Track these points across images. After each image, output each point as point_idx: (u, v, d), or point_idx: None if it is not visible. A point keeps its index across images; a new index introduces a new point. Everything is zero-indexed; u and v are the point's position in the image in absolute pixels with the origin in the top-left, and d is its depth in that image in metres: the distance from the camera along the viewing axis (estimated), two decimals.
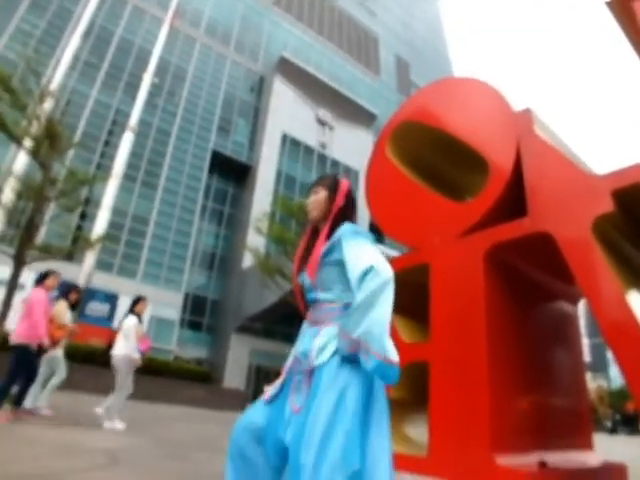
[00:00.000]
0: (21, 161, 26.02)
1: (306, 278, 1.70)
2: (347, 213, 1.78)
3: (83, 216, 32.37)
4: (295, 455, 1.37)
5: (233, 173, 42.74)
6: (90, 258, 29.38)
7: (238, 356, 35.49)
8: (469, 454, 3.05)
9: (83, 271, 29.30)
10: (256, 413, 1.61)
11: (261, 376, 36.61)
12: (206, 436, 6.39)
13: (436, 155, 4.37)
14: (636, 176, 2.75)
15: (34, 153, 9.96)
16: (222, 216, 42.50)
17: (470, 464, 3.00)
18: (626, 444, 15.39)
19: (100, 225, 29.97)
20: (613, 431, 26.73)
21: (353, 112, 47.06)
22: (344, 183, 1.85)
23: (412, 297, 3.87)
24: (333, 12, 56.15)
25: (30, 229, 9.56)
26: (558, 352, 4.30)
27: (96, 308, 18.27)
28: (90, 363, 13.41)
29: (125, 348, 5.93)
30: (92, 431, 5.11)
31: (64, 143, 10.57)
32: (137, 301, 6.43)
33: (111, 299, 19.22)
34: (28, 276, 24.19)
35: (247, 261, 32.76)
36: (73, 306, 6.56)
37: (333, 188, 1.81)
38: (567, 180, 3.08)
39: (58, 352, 6.22)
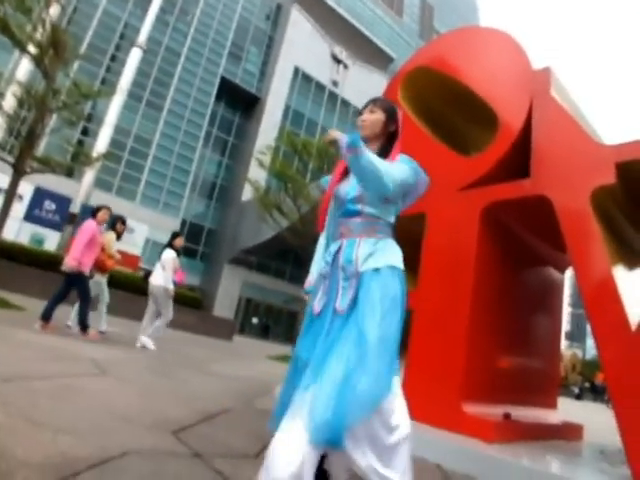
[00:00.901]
0: (24, 68, 25.25)
1: (351, 190, 1.74)
2: (396, 142, 1.85)
3: (85, 132, 31.84)
4: (361, 329, 1.47)
5: (241, 103, 41.71)
6: (89, 176, 29.20)
7: (230, 287, 36.17)
8: (440, 400, 3.19)
9: (82, 189, 29.21)
10: (304, 345, 1.65)
11: (250, 308, 37.52)
12: (191, 357, 6.62)
13: (447, 105, 4.26)
14: None
15: (38, 61, 9.59)
16: (226, 145, 41.89)
17: (439, 409, 3.15)
18: (587, 408, 16.19)
19: (102, 142, 29.56)
20: (579, 397, 27.90)
21: (370, 52, 45.38)
22: (401, 113, 1.91)
23: (406, 246, 3.91)
24: None
25: (31, 139, 9.38)
26: (539, 316, 4.40)
27: None
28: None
29: (162, 278, 6.40)
30: (79, 342, 5.29)
31: (69, 53, 10.15)
32: (175, 236, 6.87)
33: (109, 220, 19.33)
34: (25, 188, 24.20)
35: (247, 194, 32.64)
36: (119, 236, 6.93)
37: (392, 114, 1.86)
38: (573, 147, 3.03)
39: (103, 279, 6.62)
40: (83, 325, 5.82)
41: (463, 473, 2.52)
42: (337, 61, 43.55)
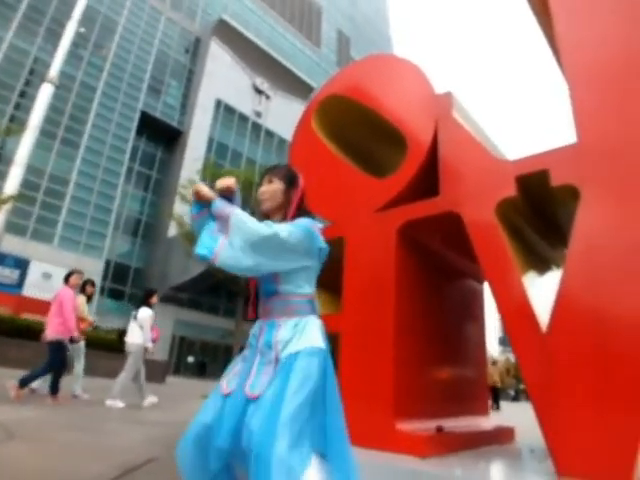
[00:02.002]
0: None
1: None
2: (302, 207, 1.80)
3: None
4: (267, 442, 1.35)
5: (163, 137, 40.95)
6: None
7: (161, 326, 34.55)
8: (373, 420, 3.19)
9: None
10: (207, 413, 1.60)
11: (184, 347, 36.11)
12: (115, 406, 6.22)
13: (360, 130, 4.41)
14: (538, 164, 2.93)
15: None
16: (149, 181, 40.77)
17: (374, 430, 3.14)
18: (522, 408, 17.12)
19: (11, 184, 27.65)
20: (515, 399, 29.20)
21: (291, 83, 46.41)
22: (301, 179, 1.85)
23: (329, 270, 3.94)
24: None
25: None
26: (463, 327, 4.56)
27: (4, 274, 16.96)
28: None
29: (140, 338, 6.59)
30: None
31: None
32: (151, 294, 6.99)
33: (21, 264, 17.94)
34: None
35: (173, 229, 31.80)
36: (89, 298, 7.07)
37: (290, 181, 1.81)
38: (476, 163, 3.22)
39: (81, 343, 6.79)
40: (55, 389, 5.83)
41: None
42: (259, 92, 44.12)
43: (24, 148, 28.31)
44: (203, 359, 36.81)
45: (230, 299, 36.22)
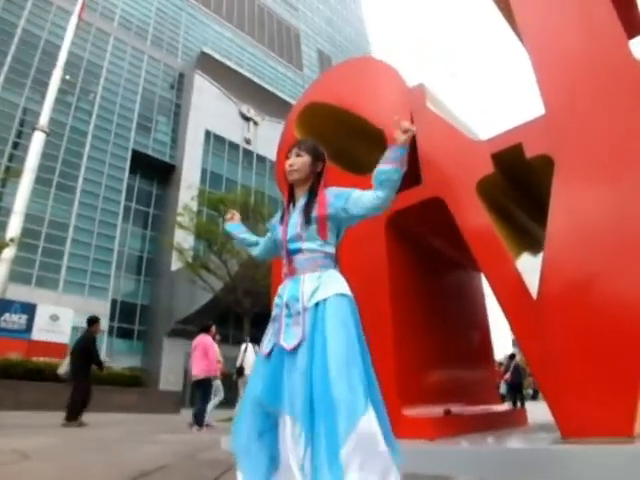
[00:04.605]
0: None
1: (290, 229, 1.85)
2: (321, 180, 1.97)
3: None
4: (323, 386, 1.47)
5: (156, 173, 41.30)
6: (2, 269, 27.31)
7: (173, 361, 34.38)
8: None
9: None
10: (255, 378, 1.73)
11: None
12: (132, 432, 6.21)
13: (341, 133, 4.50)
14: (511, 139, 3.01)
15: None
16: (147, 218, 40.98)
17: None
18: (541, 404, 16.68)
19: (12, 232, 27.87)
20: (534, 397, 28.84)
21: (277, 107, 46.93)
22: (324, 152, 2.04)
23: None
24: (253, 6, 55.58)
25: None
26: (464, 316, 4.59)
27: (12, 320, 17.04)
28: (8, 377, 12.53)
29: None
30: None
31: None
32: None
33: (28, 309, 18.00)
34: None
35: (176, 264, 31.88)
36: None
37: (317, 154, 1.97)
38: (452, 148, 3.31)
39: (218, 380, 7.85)
40: (201, 419, 6.95)
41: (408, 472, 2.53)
42: (246, 119, 44.62)
43: (22, 196, 28.60)
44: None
45: (238, 328, 36.06)
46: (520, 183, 3.39)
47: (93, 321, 7.78)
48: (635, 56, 2.65)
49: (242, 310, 16.82)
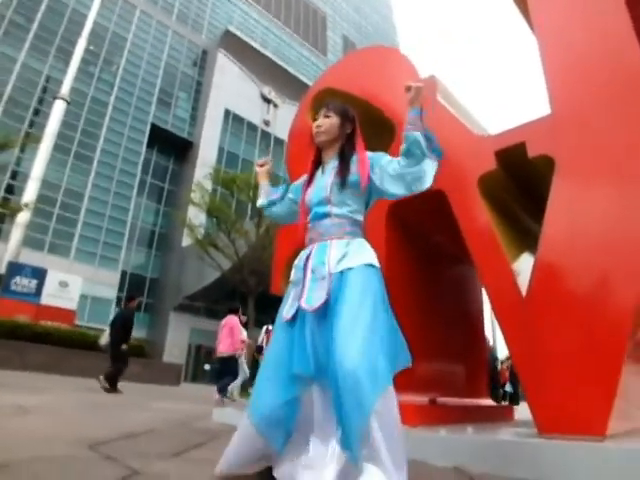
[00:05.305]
0: None
1: (318, 192, 1.78)
2: (357, 142, 1.89)
3: (9, 190, 30.52)
4: (350, 356, 1.41)
5: (174, 148, 41.54)
6: (17, 234, 27.78)
7: (178, 336, 34.97)
8: None
9: (9, 248, 27.67)
10: (277, 344, 1.66)
11: (201, 355, 36.31)
12: (128, 398, 6.39)
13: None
14: (515, 137, 3.03)
15: None
16: (162, 192, 41.33)
17: None
18: None
19: (28, 197, 28.33)
20: None
21: (298, 90, 46.63)
22: (354, 113, 1.94)
23: None
24: None
25: None
26: (459, 311, 4.63)
27: (22, 283, 17.41)
28: (15, 339, 12.87)
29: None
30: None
31: None
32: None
33: (39, 274, 18.36)
34: None
35: (187, 239, 32.20)
36: (245, 325, 8.72)
37: (346, 116, 1.88)
38: (457, 141, 3.32)
39: (242, 357, 8.50)
40: (225, 391, 7.40)
41: None
42: (267, 101, 44.59)
43: (39, 163, 28.98)
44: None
45: (244, 307, 36.43)
46: (523, 182, 3.40)
47: (132, 298, 8.53)
48: None
49: (247, 289, 17.02)
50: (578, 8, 3.00)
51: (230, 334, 7.51)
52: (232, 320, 7.70)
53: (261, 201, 2.14)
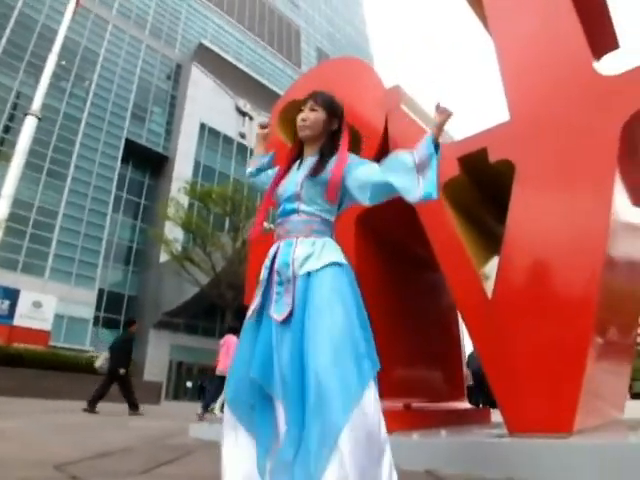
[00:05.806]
0: None
1: (289, 187, 1.69)
2: (342, 141, 1.78)
3: None
4: (322, 364, 1.34)
5: (149, 163, 41.17)
6: None
7: (158, 353, 34.39)
8: None
9: None
10: (244, 345, 1.60)
11: (183, 372, 35.76)
12: (104, 418, 6.25)
13: None
14: (477, 143, 3.10)
15: None
16: (138, 208, 40.85)
17: None
18: None
19: None
20: None
21: (273, 103, 46.49)
22: (342, 108, 1.84)
23: None
24: (254, 1, 55.49)
25: None
26: (433, 316, 4.67)
27: None
28: None
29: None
30: None
31: None
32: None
33: (11, 295, 17.93)
34: None
35: (165, 255, 31.85)
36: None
37: (334, 112, 1.78)
38: None
39: None
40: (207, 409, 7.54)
41: None
42: (242, 114, 44.62)
43: (10, 180, 28.34)
44: (202, 382, 36.41)
45: (223, 320, 36.10)
46: (486, 187, 3.48)
47: (132, 322, 8.71)
48: (600, 71, 2.74)
49: (224, 303, 16.89)
50: (531, 12, 3.10)
51: (227, 353, 7.67)
52: (230, 339, 7.86)
53: (249, 169, 2.04)
